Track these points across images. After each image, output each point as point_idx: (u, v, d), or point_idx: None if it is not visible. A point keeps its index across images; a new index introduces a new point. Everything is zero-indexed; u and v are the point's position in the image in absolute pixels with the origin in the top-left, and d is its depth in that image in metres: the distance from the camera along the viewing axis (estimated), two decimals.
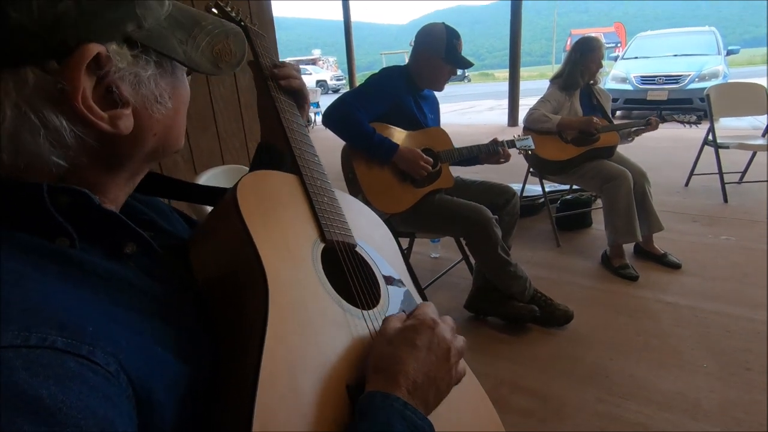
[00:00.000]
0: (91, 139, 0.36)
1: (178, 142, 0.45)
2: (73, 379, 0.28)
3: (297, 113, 0.71)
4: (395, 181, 1.77)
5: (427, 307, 0.52)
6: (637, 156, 2.52)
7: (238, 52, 0.46)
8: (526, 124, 2.50)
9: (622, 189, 2.23)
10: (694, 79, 6.86)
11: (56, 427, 0.26)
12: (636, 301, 2.02)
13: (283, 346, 0.40)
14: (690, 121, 2.48)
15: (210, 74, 0.44)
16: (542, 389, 1.52)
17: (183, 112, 0.45)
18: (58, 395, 0.27)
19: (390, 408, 0.40)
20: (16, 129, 0.33)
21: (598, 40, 2.44)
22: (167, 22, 0.40)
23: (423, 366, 0.45)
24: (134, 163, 0.42)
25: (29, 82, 0.32)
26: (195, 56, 0.42)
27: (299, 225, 0.54)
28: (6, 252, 0.32)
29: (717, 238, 2.61)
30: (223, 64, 0.45)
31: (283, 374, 0.39)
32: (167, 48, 0.39)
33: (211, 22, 0.44)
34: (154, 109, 0.40)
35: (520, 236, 2.70)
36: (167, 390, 0.35)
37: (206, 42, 0.43)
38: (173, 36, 0.40)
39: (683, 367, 1.58)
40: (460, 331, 0.52)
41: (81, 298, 0.34)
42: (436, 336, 0.48)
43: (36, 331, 0.28)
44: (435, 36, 1.81)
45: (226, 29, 0.45)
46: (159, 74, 0.40)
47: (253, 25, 0.74)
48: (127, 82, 0.37)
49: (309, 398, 0.40)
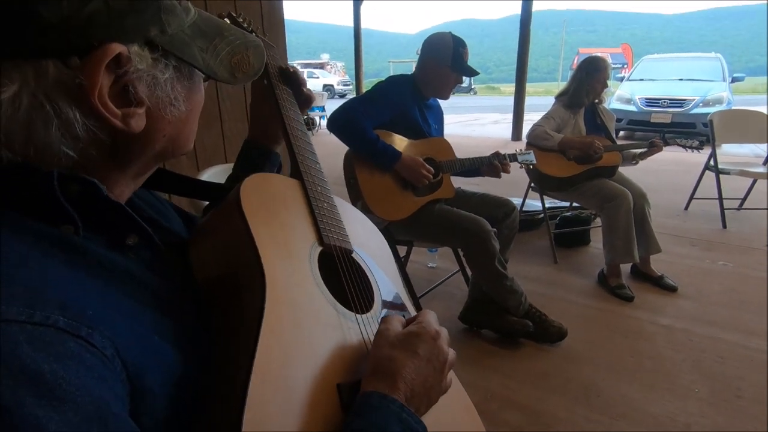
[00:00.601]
0: (103, 134, 0.37)
1: (188, 144, 0.46)
2: (72, 358, 0.29)
3: (301, 121, 0.73)
4: (396, 189, 1.77)
5: (430, 315, 0.53)
6: (638, 177, 2.53)
7: (256, 64, 0.48)
8: (529, 140, 2.51)
9: (621, 209, 2.23)
10: (698, 104, 6.92)
11: (55, 402, 0.27)
12: (631, 321, 2.02)
13: (278, 341, 0.41)
14: (692, 146, 2.50)
15: (226, 83, 0.45)
16: (533, 405, 1.51)
17: (195, 116, 0.46)
18: (59, 372, 0.28)
19: (387, 409, 0.41)
20: (30, 118, 0.33)
21: (604, 60, 2.46)
22: (190, 30, 0.41)
23: (421, 375, 0.46)
24: (142, 162, 0.43)
25: (49, 75, 0.33)
26: (213, 64, 0.43)
27: (299, 227, 0.56)
28: (13, 235, 0.33)
29: (714, 263, 2.61)
30: (240, 74, 0.46)
31: (276, 368, 0.40)
32: (187, 54, 0.41)
33: (233, 34, 0.46)
34: (167, 111, 0.41)
35: (517, 250, 2.70)
36: (161, 380, 0.35)
37: (226, 52, 0.44)
38: (194, 43, 0.42)
39: (675, 390, 1.57)
40: (452, 343, 0.52)
41: (82, 283, 0.34)
42: (437, 347, 0.49)
43: (40, 309, 0.29)
44: (442, 44, 1.83)
45: (247, 41, 0.47)
46: (176, 78, 0.41)
47: (264, 35, 0.76)
48: (143, 83, 0.38)
49: (300, 393, 0.40)
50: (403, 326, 0.51)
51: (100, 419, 0.28)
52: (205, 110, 1.92)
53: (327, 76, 25.85)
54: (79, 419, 0.27)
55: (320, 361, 0.44)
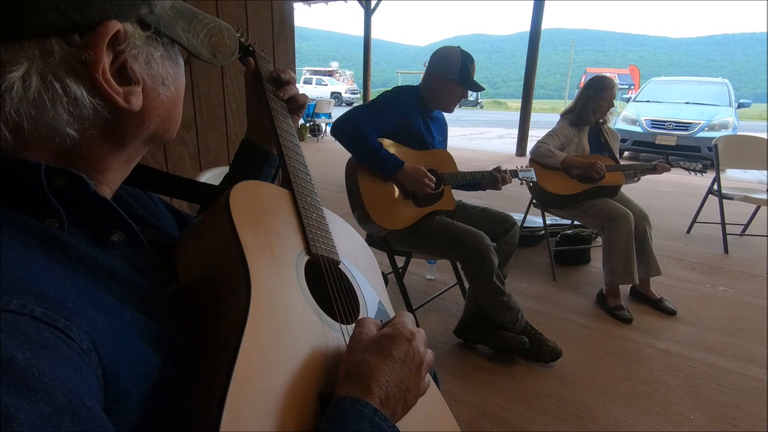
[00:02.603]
0: (106, 111, 0.37)
1: (175, 128, 0.47)
2: (47, 348, 0.28)
3: (293, 132, 0.73)
4: (397, 198, 1.77)
5: (406, 317, 0.52)
6: (641, 199, 2.52)
7: (231, 45, 0.50)
8: (532, 156, 2.51)
9: (623, 229, 2.22)
10: (703, 128, 6.92)
11: (26, 391, 0.26)
12: (627, 344, 1.99)
13: (259, 347, 0.41)
14: (696, 169, 2.49)
15: (209, 62, 0.47)
16: (524, 425, 1.49)
17: (181, 98, 0.47)
18: (32, 360, 0.27)
19: (359, 413, 0.40)
20: (40, 97, 0.34)
21: (611, 80, 2.46)
22: (171, 12, 0.42)
23: (396, 377, 0.45)
24: (135, 144, 0.43)
25: (55, 53, 0.33)
26: (196, 44, 0.45)
27: (287, 235, 0.56)
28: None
29: (715, 288, 2.59)
30: (220, 54, 0.48)
31: (257, 374, 0.39)
32: (175, 34, 0.42)
33: (206, 17, 0.47)
34: (161, 90, 0.42)
35: (516, 267, 2.68)
36: (137, 379, 0.35)
37: (204, 33, 0.46)
38: (177, 24, 0.43)
39: (669, 416, 1.55)
40: (445, 357, 0.51)
41: (62, 277, 0.34)
42: (412, 348, 0.48)
43: (17, 297, 0.29)
44: (449, 58, 1.84)
45: (220, 24, 0.48)
46: (167, 57, 0.42)
47: (261, 51, 0.78)
48: (140, 61, 0.39)
49: (279, 400, 0.40)
50: (378, 329, 0.50)
51: (73, 412, 0.27)
52: (211, 111, 1.95)
53: (335, 83, 26.05)
54: (51, 410, 0.26)
55: (302, 369, 0.44)
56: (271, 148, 0.78)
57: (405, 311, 0.54)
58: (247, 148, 0.78)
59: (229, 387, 0.36)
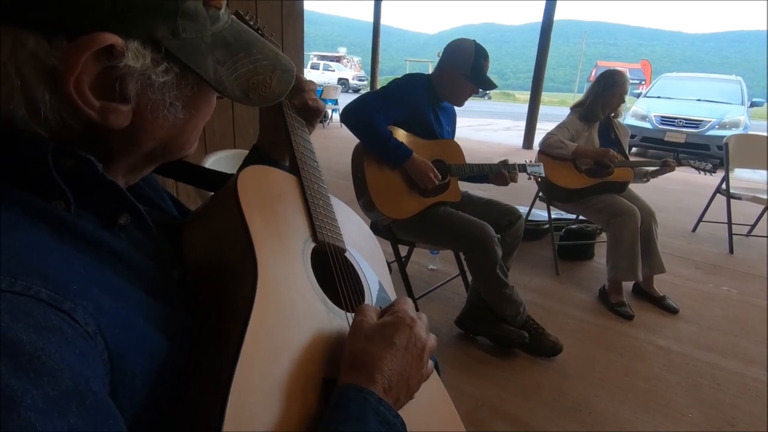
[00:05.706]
0: (74, 122, 0.35)
1: (185, 149, 0.45)
2: (52, 331, 0.28)
3: (302, 121, 0.72)
4: (403, 187, 1.76)
5: (405, 303, 0.52)
6: (648, 196, 2.50)
7: (278, 89, 0.46)
8: (542, 147, 2.48)
9: (628, 226, 2.21)
10: (714, 126, 6.83)
11: (32, 374, 0.26)
12: (628, 340, 1.99)
13: (266, 331, 0.41)
14: (705, 169, 2.46)
15: (235, 101, 0.43)
16: (523, 417, 1.50)
17: (198, 124, 0.44)
18: (38, 343, 0.27)
19: (364, 402, 0.41)
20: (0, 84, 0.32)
21: (623, 74, 2.42)
22: (211, 39, 0.40)
23: (398, 365, 0.45)
24: (130, 160, 0.42)
25: (27, 47, 0.32)
26: (226, 79, 0.41)
27: (294, 221, 0.56)
28: (0, 204, 0.32)
29: (718, 288, 2.58)
30: (255, 95, 0.44)
31: (263, 358, 0.40)
32: (196, 63, 0.39)
33: (264, 53, 0.44)
34: (161, 115, 0.39)
35: (520, 260, 2.68)
36: (143, 362, 0.34)
37: (246, 69, 0.43)
38: (211, 54, 0.40)
39: (668, 414, 1.55)
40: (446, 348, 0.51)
41: (69, 259, 0.33)
42: (413, 335, 0.48)
43: (22, 279, 0.28)
44: (463, 52, 1.80)
45: (275, 64, 0.45)
46: (177, 84, 0.39)
47: (271, 35, 0.73)
48: (135, 81, 0.36)
49: (285, 385, 0.40)
50: (378, 316, 0.50)
51: (79, 396, 0.27)
52: None
53: (342, 69, 25.88)
54: (57, 394, 0.26)
55: (307, 355, 0.44)
56: (282, 160, 0.76)
57: (405, 297, 0.54)
58: (257, 156, 0.77)
59: (235, 371, 0.36)
